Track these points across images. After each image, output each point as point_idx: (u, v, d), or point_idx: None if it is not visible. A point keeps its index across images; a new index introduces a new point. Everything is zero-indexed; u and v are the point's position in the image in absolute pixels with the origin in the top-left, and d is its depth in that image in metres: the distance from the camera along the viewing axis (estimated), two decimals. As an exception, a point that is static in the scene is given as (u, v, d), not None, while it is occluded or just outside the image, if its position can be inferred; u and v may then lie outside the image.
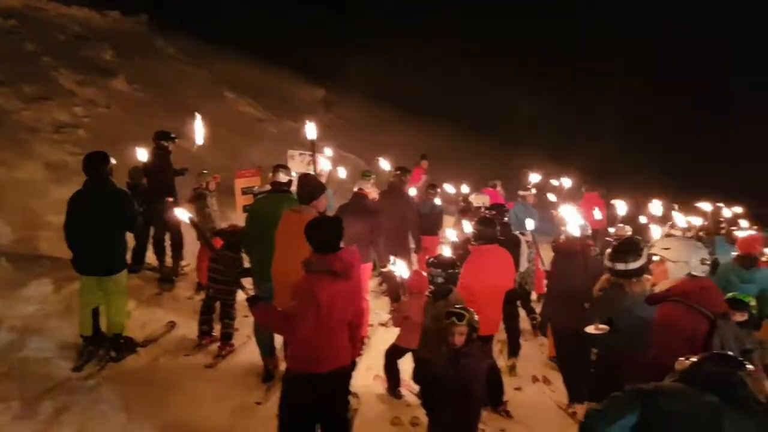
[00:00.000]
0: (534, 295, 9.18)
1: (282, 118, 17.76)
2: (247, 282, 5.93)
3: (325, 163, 9.22)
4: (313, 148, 6.14)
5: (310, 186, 5.53)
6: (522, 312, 8.32)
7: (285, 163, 7.46)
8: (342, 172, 10.40)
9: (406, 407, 5.96)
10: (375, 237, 7.29)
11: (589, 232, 7.70)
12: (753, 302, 5.59)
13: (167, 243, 8.32)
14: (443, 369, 4.36)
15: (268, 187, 6.64)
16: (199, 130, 8.24)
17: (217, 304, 6.68)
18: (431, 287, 5.50)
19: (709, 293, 3.82)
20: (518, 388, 6.79)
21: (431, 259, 5.55)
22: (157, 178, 8.12)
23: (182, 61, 18.61)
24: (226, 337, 6.47)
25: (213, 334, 6.67)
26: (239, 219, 8.45)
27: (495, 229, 6.24)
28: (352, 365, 4.48)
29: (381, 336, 7.41)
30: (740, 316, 5.23)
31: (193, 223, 4.57)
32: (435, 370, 4.44)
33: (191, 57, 19.03)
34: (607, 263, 4.91)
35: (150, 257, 8.41)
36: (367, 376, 6.54)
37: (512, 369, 7.20)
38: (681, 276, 3.89)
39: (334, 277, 3.95)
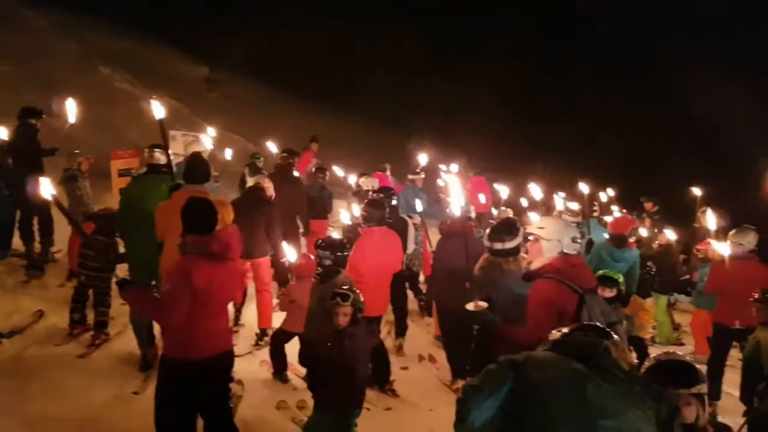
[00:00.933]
0: (422, 277, 9.35)
1: (163, 96, 16.92)
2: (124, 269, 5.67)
3: (207, 142, 8.92)
4: (162, 129, 5.85)
5: (204, 167, 5.38)
6: (410, 293, 8.47)
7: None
8: (228, 154, 10.10)
9: (293, 391, 5.91)
10: (270, 230, 7.17)
11: (472, 214, 7.95)
12: (621, 279, 5.99)
13: (35, 227, 7.76)
14: (328, 350, 4.35)
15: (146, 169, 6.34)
16: (71, 108, 7.69)
17: (91, 292, 6.33)
18: (319, 269, 5.46)
19: (579, 270, 4.04)
20: (405, 368, 6.90)
21: (320, 241, 5.51)
22: (23, 158, 7.54)
23: (52, 33, 17.29)
24: (100, 326, 6.14)
25: (87, 323, 6.32)
26: (116, 203, 8.01)
27: (384, 211, 6.31)
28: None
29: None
30: (609, 292, 5.59)
31: (56, 201, 4.27)
32: (320, 351, 4.41)
33: (62, 29, 17.71)
34: (486, 243, 5.07)
35: (17, 242, 7.82)
36: (252, 362, 6.43)
37: (399, 349, 7.31)
38: (554, 254, 4.08)
39: (211, 259, 3.81)
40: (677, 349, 7.54)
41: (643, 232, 8.98)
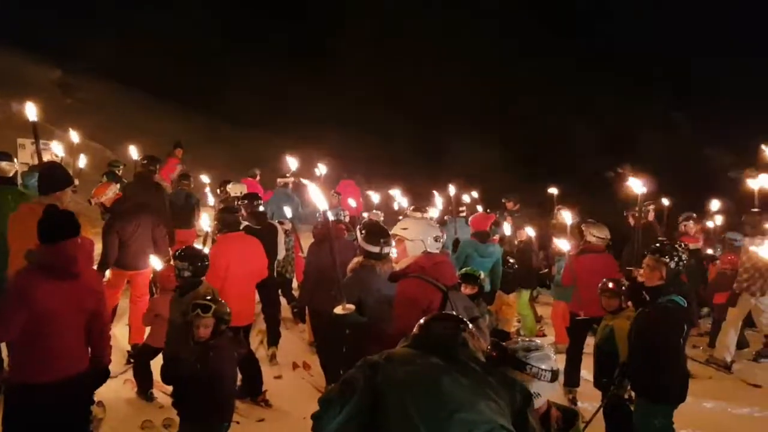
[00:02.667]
0: (295, 283, 9.24)
1: (8, 101, 15.65)
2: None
3: (56, 149, 8.31)
4: (35, 130, 5.42)
5: (56, 175, 5.01)
6: (283, 300, 8.34)
7: (14, 153, 6.65)
8: (82, 161, 9.45)
9: (159, 409, 5.67)
10: (157, 237, 6.80)
11: (343, 217, 7.95)
12: (483, 276, 6.21)
13: None
14: (191, 365, 4.17)
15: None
16: None
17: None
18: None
19: (442, 267, 4.14)
20: (278, 377, 6.80)
21: (178, 252, 5.27)
22: None
23: None
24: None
25: None
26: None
27: (237, 216, 6.21)
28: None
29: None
30: (471, 289, 5.78)
31: None
32: (182, 366, 4.23)
33: None
34: (362, 245, 5.08)
35: None
36: (116, 381, 6.05)
37: (273, 357, 7.17)
38: (418, 253, 4.16)
39: (52, 273, 3.53)
40: (541, 340, 7.97)
41: (507, 230, 9.37)
